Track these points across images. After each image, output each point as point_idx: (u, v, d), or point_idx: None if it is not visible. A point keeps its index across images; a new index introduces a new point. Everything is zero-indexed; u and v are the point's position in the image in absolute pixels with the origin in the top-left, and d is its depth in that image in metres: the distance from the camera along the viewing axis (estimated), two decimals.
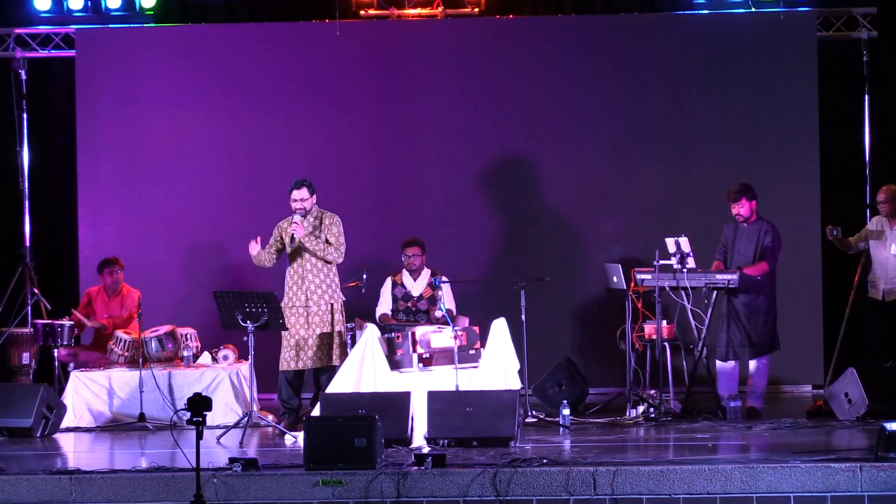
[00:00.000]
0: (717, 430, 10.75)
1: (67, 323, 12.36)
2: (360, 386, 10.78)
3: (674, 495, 8.59)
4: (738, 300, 11.57)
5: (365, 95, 13.92)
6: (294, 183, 11.53)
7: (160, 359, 12.06)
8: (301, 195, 11.47)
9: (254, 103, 13.90)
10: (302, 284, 11.42)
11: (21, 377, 12.78)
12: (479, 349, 11.10)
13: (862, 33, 13.78)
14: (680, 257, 11.44)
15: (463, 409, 10.02)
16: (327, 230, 11.49)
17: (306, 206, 11.48)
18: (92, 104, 13.89)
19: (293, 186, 11.51)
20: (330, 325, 11.41)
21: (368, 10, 14.01)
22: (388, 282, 12.42)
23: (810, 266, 13.52)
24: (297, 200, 11.47)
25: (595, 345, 13.58)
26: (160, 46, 13.98)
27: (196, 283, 13.70)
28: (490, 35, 13.94)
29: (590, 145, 13.83)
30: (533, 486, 8.64)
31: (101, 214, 13.87)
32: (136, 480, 8.80)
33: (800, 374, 13.64)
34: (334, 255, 11.48)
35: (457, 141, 13.86)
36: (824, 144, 13.70)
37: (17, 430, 11.13)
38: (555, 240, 13.78)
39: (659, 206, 13.62)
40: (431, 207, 13.84)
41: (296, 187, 11.49)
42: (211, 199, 13.89)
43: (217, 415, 11.10)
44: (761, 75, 13.69)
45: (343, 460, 8.82)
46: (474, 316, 12.07)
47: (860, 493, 8.52)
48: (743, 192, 11.68)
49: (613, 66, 13.82)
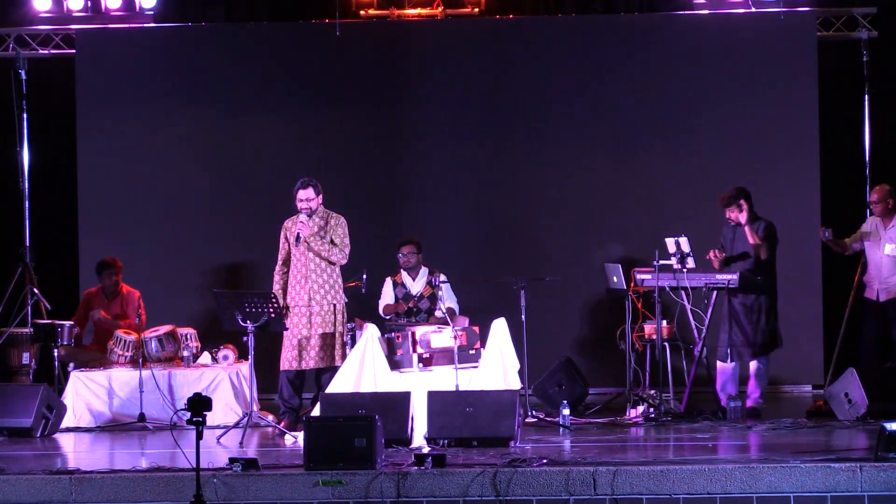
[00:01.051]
0: (717, 430, 10.75)
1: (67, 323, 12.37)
2: (360, 386, 10.78)
3: (674, 495, 8.59)
4: (738, 300, 11.58)
5: (365, 95, 13.93)
6: (300, 182, 11.47)
7: (160, 359, 12.06)
8: (307, 195, 11.42)
9: (254, 103, 13.91)
10: (305, 284, 11.39)
11: (21, 377, 12.77)
12: (479, 349, 11.10)
13: (862, 33, 13.78)
14: (680, 257, 11.45)
15: (463, 409, 10.02)
16: (332, 231, 11.46)
17: (312, 206, 11.44)
18: (92, 104, 13.89)
19: (299, 186, 11.44)
20: (332, 325, 11.40)
21: (368, 10, 14.01)
22: (388, 281, 12.44)
23: (810, 266, 13.52)
24: (302, 200, 11.42)
25: (595, 345, 13.58)
26: (160, 46, 13.99)
27: (196, 283, 13.70)
28: (490, 35, 13.95)
29: (589, 145, 13.84)
30: (533, 486, 8.64)
31: (101, 214, 13.87)
32: (136, 480, 8.79)
33: (800, 374, 13.64)
34: (338, 256, 11.46)
35: (457, 140, 13.86)
36: (824, 144, 13.70)
37: (17, 430, 11.12)
38: (555, 240, 13.78)
39: (659, 206, 13.62)
40: (431, 207, 13.84)
41: (302, 187, 11.44)
42: (211, 198, 13.89)
43: (217, 415, 11.09)
44: (761, 75, 13.69)
45: (343, 460, 8.81)
46: (474, 316, 12.07)
47: (860, 493, 8.51)
48: (734, 197, 11.66)
49: (613, 66, 13.82)
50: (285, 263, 11.52)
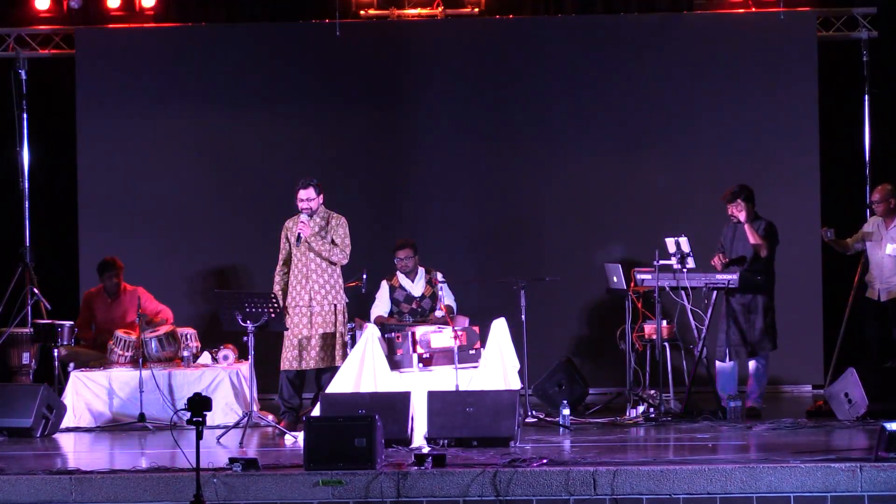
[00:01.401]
0: (717, 430, 10.75)
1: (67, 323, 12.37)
2: (360, 386, 10.78)
3: (674, 495, 8.59)
4: (736, 300, 11.58)
5: (365, 95, 13.92)
6: (301, 182, 11.46)
7: (160, 359, 12.06)
8: (308, 195, 11.42)
9: (254, 103, 13.90)
10: (306, 284, 11.39)
11: (21, 377, 12.76)
12: (479, 349, 11.10)
13: (862, 33, 13.78)
14: (680, 257, 11.44)
15: (463, 409, 10.02)
16: (333, 231, 11.46)
17: (312, 206, 11.43)
18: (92, 104, 13.89)
19: (300, 186, 11.43)
20: (333, 325, 11.40)
21: (368, 10, 14.01)
22: (384, 286, 12.30)
23: (810, 266, 13.52)
24: (303, 200, 11.41)
25: (595, 345, 13.58)
26: (160, 46, 13.98)
27: (195, 283, 13.69)
28: (490, 35, 13.94)
29: (590, 145, 13.83)
30: (533, 486, 8.64)
31: (100, 214, 13.87)
32: (136, 480, 8.80)
33: (800, 374, 13.64)
34: (339, 256, 11.45)
35: (457, 140, 13.86)
36: (824, 144, 13.70)
37: (17, 430, 11.12)
38: (555, 240, 13.78)
39: (659, 206, 13.62)
40: (431, 207, 13.83)
41: (302, 187, 11.43)
42: (211, 198, 13.89)
43: (217, 415, 11.10)
44: (761, 75, 13.68)
45: (343, 460, 8.81)
46: (474, 316, 12.06)
47: (860, 493, 8.52)
48: (738, 193, 11.68)
49: (613, 66, 13.82)
50: (286, 264, 11.52)
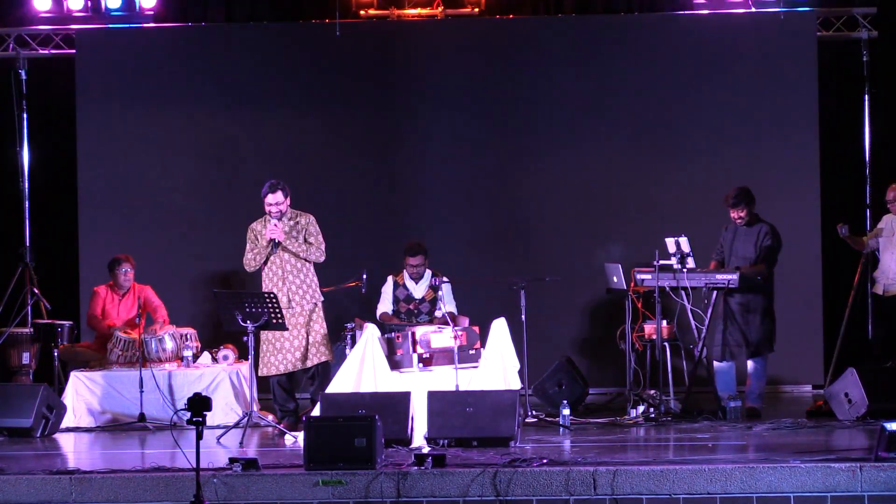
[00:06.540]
0: (717, 430, 10.76)
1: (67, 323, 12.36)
2: (360, 386, 10.78)
3: (674, 495, 8.59)
4: (734, 300, 11.58)
5: (365, 95, 13.92)
6: (268, 186, 11.37)
7: (160, 359, 12.06)
8: (276, 199, 11.34)
9: (254, 103, 13.90)
10: (283, 286, 11.34)
11: (21, 377, 12.76)
12: (479, 349, 11.10)
13: (862, 33, 13.78)
14: (680, 257, 11.45)
15: (463, 409, 10.02)
16: (304, 230, 11.43)
17: (282, 209, 11.37)
18: (92, 104, 13.89)
19: (268, 190, 11.34)
20: (317, 322, 11.36)
21: (368, 10, 14.02)
22: (390, 281, 12.35)
23: (810, 266, 13.52)
24: (272, 204, 11.35)
25: (595, 345, 13.58)
26: (160, 46, 13.99)
27: (196, 283, 13.70)
28: (490, 35, 13.95)
29: (589, 145, 13.84)
30: (533, 486, 8.64)
31: (100, 214, 13.87)
32: (136, 480, 8.80)
33: (800, 374, 13.64)
34: (316, 254, 11.42)
35: (457, 140, 13.86)
36: (824, 144, 13.70)
37: (17, 430, 11.12)
38: (555, 240, 13.78)
39: (659, 206, 13.62)
40: (431, 207, 13.83)
41: (270, 191, 11.34)
42: (210, 198, 13.89)
43: (217, 415, 11.10)
44: (761, 75, 13.69)
45: (343, 460, 8.82)
46: (474, 316, 12.07)
47: (860, 493, 8.52)
48: (741, 196, 11.68)
49: (613, 67, 13.82)
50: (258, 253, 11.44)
